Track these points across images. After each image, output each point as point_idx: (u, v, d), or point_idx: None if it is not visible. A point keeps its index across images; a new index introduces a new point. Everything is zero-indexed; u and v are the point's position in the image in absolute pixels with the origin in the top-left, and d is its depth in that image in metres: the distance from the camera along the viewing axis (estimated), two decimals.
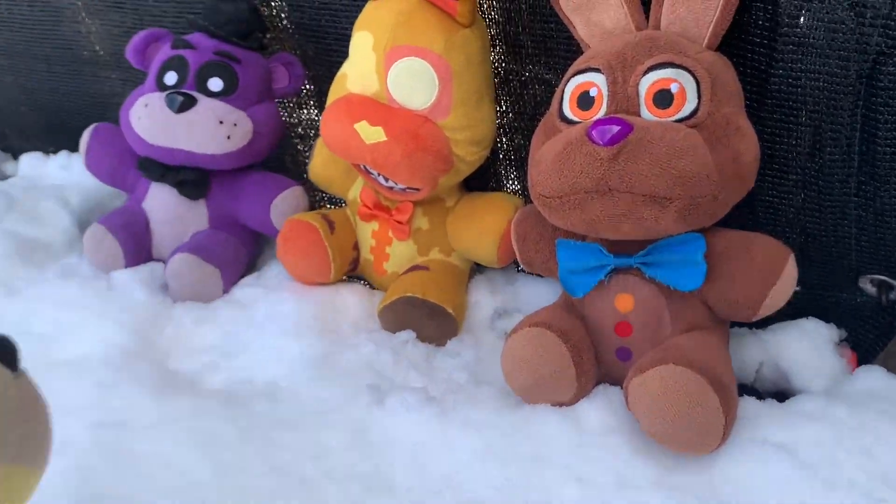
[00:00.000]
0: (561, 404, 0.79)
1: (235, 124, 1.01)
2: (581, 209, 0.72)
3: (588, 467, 0.71)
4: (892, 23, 0.69)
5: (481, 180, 1.05)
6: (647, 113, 0.72)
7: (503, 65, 0.97)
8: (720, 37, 0.75)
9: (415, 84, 0.86)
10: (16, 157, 1.55)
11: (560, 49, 0.90)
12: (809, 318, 0.91)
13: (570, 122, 0.76)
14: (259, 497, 0.70)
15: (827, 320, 0.92)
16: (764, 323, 0.92)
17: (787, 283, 0.75)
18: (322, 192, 1.19)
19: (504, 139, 1.03)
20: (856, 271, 0.88)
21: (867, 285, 0.88)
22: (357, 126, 0.86)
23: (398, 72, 0.86)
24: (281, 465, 0.73)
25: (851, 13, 0.70)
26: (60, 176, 1.37)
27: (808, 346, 0.87)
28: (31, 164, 1.44)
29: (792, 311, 0.93)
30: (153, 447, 0.73)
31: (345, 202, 1.09)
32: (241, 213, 1.09)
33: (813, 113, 0.78)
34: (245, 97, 1.04)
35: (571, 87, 0.77)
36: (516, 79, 0.97)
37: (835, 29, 0.72)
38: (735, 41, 0.79)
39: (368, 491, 0.71)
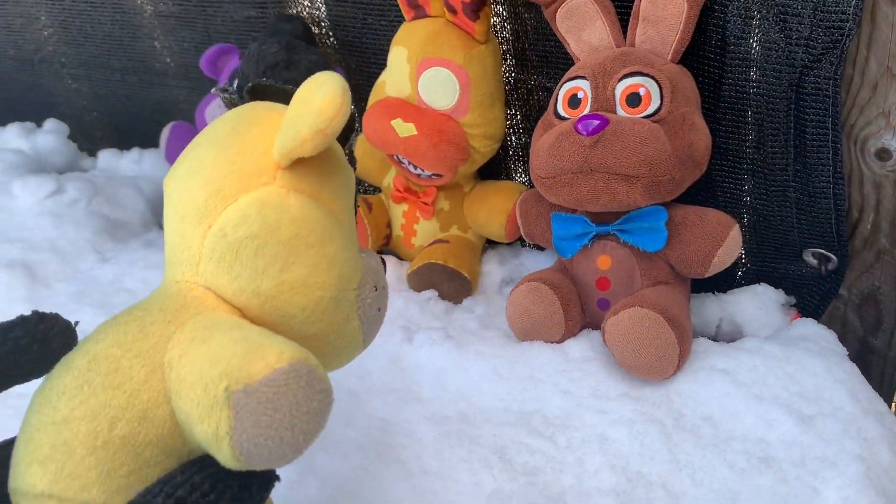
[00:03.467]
0: (552, 342, 0.96)
1: None
2: (569, 187, 0.90)
3: (571, 385, 0.88)
4: (812, 42, 0.84)
5: (494, 172, 1.21)
6: (621, 111, 0.90)
7: (513, 74, 1.13)
8: (681, 53, 0.91)
9: (440, 89, 1.03)
10: (91, 155, 1.75)
11: (559, 62, 1.05)
12: (761, 284, 1.05)
13: (562, 118, 0.94)
14: None
15: (777, 287, 1.05)
16: (725, 288, 1.07)
17: (731, 246, 0.91)
18: (359, 182, 1.37)
19: (513, 138, 1.20)
20: (799, 246, 1.01)
21: (809, 258, 1.01)
22: (393, 122, 1.04)
23: (427, 79, 1.03)
24: (333, 382, 0.93)
25: (781, 34, 0.86)
26: (134, 169, 1.57)
27: (758, 305, 1.02)
28: (108, 159, 1.63)
29: (748, 279, 1.09)
30: None
31: (378, 190, 1.28)
32: None
33: (756, 114, 0.93)
34: None
35: (564, 90, 0.95)
36: (524, 86, 1.14)
37: (769, 47, 0.88)
38: (694, 56, 0.94)
39: (402, 401, 0.89)
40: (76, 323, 0.53)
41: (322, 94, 0.45)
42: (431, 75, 1.03)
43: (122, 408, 0.44)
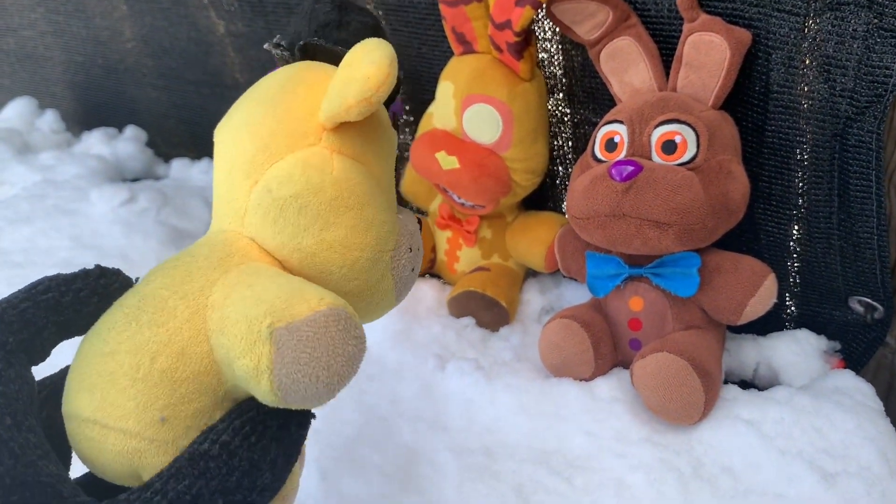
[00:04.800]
0: (582, 379, 0.97)
1: None
2: (603, 229, 0.91)
3: (595, 425, 0.90)
4: (856, 94, 0.83)
5: (540, 201, 1.23)
6: (657, 157, 0.90)
7: (560, 108, 1.15)
8: (722, 99, 0.91)
9: (483, 124, 1.05)
10: (166, 161, 1.85)
11: (605, 99, 1.06)
12: (802, 329, 1.04)
13: (598, 161, 0.95)
14: (350, 427, 0.94)
15: (821, 333, 1.04)
16: (767, 330, 1.07)
17: (764, 296, 0.90)
18: (406, 204, 1.41)
19: (560, 168, 1.22)
20: (845, 293, 0.99)
21: (856, 305, 0.99)
22: (437, 155, 1.07)
23: (471, 114, 1.06)
24: (367, 406, 0.97)
25: (825, 85, 0.85)
26: (203, 179, 1.65)
27: (797, 351, 1.00)
28: (179, 168, 1.72)
29: (791, 323, 1.08)
30: None
31: (426, 213, 1.32)
32: None
33: (800, 161, 0.92)
34: None
35: (601, 133, 0.96)
36: (570, 120, 1.15)
37: (812, 97, 0.87)
38: (737, 102, 0.93)
39: (431, 429, 0.92)
40: (136, 279, 0.55)
41: (369, 61, 0.47)
42: (475, 111, 1.05)
43: (163, 343, 0.47)
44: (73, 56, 1.88)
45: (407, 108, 1.36)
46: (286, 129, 0.52)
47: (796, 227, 0.99)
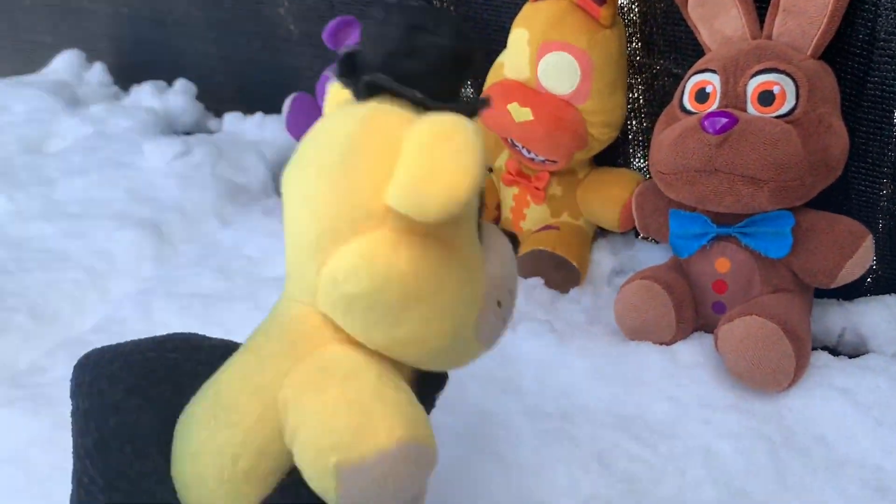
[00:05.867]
0: (661, 343, 0.94)
1: None
2: (691, 185, 0.87)
3: (678, 391, 0.86)
4: None
5: (611, 157, 1.18)
6: (752, 109, 0.85)
7: (638, 58, 1.09)
8: (823, 47, 0.85)
9: (560, 74, 1.00)
10: (217, 115, 1.82)
11: (688, 49, 1.01)
12: (892, 294, 0.99)
13: (688, 113, 0.90)
14: None
15: None
16: (850, 295, 1.02)
17: (862, 258, 0.86)
18: None
19: (634, 122, 1.17)
20: None
21: None
22: (509, 106, 1.02)
23: (547, 63, 1.00)
24: None
25: None
26: (256, 133, 1.62)
27: (887, 318, 0.95)
28: (232, 121, 1.70)
29: (878, 288, 1.03)
30: None
31: (491, 168, 1.27)
32: None
33: None
34: None
35: (691, 83, 0.90)
36: (648, 71, 1.10)
37: None
38: (838, 51, 0.88)
39: (502, 392, 0.89)
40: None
41: (456, 166, 0.42)
42: (552, 60, 1.00)
43: (241, 444, 0.48)
44: (119, 8, 1.85)
45: None
46: (349, 211, 0.47)
47: (891, 186, 0.94)
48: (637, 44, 1.09)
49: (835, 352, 0.95)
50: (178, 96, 1.75)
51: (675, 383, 0.88)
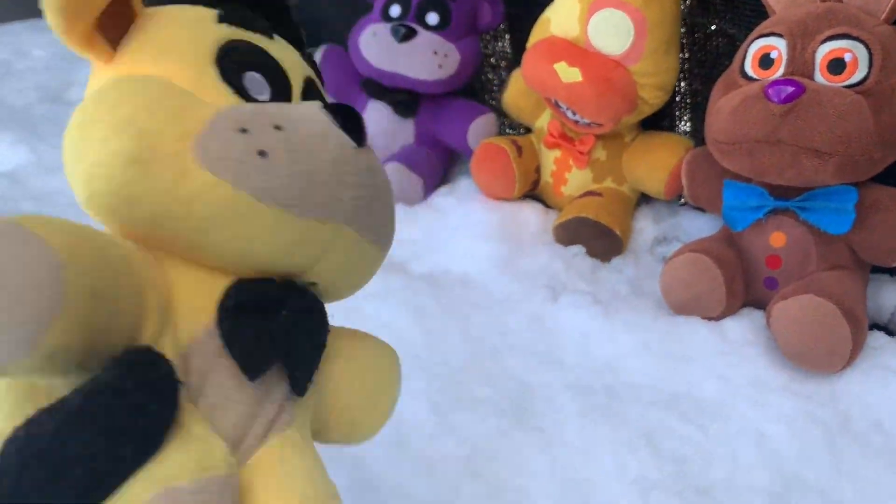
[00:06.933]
0: (709, 318, 0.91)
1: (447, 55, 1.17)
2: (751, 156, 0.83)
3: (728, 370, 0.84)
4: None
5: (657, 119, 1.13)
6: (821, 77, 0.80)
7: (690, 17, 1.04)
8: None
9: (612, 32, 0.95)
10: None
11: (746, 9, 0.96)
12: None
13: (749, 79, 0.85)
14: (458, 358, 0.88)
15: None
16: None
17: None
18: (504, 117, 1.33)
19: (682, 84, 1.12)
20: None
21: None
22: (556, 66, 0.98)
23: (598, 21, 0.96)
24: (475, 336, 0.91)
25: None
26: None
27: None
28: None
29: None
30: (376, 310, 0.92)
31: (527, 129, 1.23)
32: (442, 133, 1.25)
33: None
34: (456, 31, 1.18)
35: (754, 48, 0.85)
36: (701, 31, 1.05)
37: None
38: None
39: (542, 364, 0.87)
40: None
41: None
42: (604, 17, 0.96)
43: None
44: None
45: (507, 12, 1.25)
46: None
47: None
48: (691, 2, 1.04)
49: (888, 330, 0.92)
50: None
51: (725, 361, 0.85)
